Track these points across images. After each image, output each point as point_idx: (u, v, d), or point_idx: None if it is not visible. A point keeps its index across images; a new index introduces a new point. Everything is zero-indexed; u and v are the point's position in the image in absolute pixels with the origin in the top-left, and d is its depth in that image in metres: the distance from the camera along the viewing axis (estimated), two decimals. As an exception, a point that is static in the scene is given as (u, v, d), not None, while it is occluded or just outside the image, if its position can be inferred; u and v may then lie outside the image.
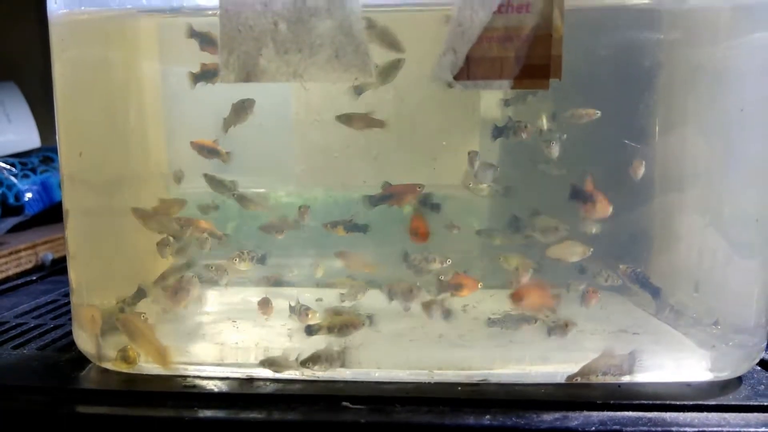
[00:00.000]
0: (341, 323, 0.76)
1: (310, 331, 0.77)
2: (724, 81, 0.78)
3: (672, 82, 0.82)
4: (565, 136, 0.82)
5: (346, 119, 0.81)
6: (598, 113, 0.80)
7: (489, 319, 0.81)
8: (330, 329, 0.77)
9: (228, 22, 0.67)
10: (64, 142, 0.81)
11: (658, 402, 0.69)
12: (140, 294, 0.81)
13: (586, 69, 0.80)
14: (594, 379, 0.73)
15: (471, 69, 0.68)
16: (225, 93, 0.80)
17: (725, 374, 0.75)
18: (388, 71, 0.75)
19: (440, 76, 0.69)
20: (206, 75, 0.79)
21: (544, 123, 0.84)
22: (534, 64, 0.68)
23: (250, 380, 0.75)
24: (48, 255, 1.41)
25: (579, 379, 0.73)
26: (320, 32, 0.67)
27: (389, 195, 0.84)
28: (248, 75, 0.68)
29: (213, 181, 0.86)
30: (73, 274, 0.83)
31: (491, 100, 0.88)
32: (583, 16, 0.77)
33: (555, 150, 0.82)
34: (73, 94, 0.80)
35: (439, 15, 0.71)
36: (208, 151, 0.84)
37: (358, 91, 0.79)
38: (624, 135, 0.82)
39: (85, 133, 0.81)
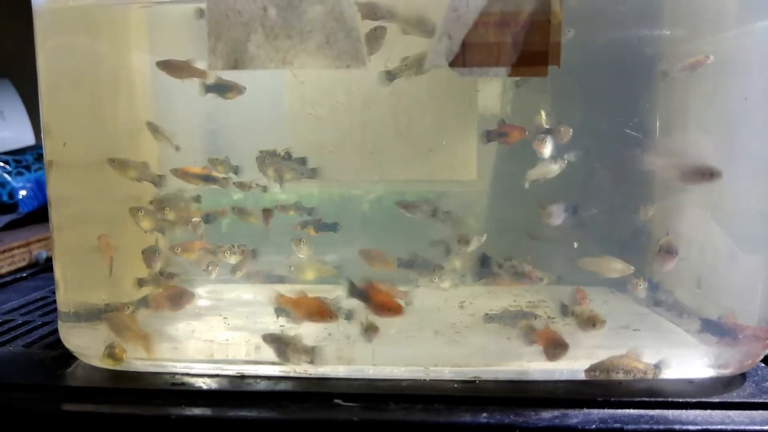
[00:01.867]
0: (369, 326, 0.74)
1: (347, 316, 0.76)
2: (729, 71, 0.77)
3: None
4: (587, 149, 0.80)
5: (166, 66, 0.76)
6: (711, 57, 0.73)
7: (486, 315, 0.79)
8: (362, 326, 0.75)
9: (215, 6, 0.65)
10: (49, 133, 0.79)
11: (660, 399, 0.67)
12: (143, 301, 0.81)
13: (585, 58, 0.79)
14: (614, 377, 0.71)
15: (467, 55, 0.66)
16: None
17: (729, 371, 0.73)
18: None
19: (435, 63, 0.67)
20: (219, 88, 0.76)
21: (543, 119, 0.82)
22: (532, 50, 0.66)
23: (241, 377, 0.73)
24: (42, 253, 1.39)
25: (598, 374, 0.71)
26: (311, 18, 0.65)
27: (504, 132, 0.82)
28: (236, 62, 0.66)
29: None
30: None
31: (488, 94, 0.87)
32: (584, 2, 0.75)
33: (548, 147, 0.79)
34: (58, 85, 0.78)
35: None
36: (195, 178, 0.83)
37: (390, 77, 0.75)
38: (626, 127, 0.80)
39: (70, 125, 0.78)
